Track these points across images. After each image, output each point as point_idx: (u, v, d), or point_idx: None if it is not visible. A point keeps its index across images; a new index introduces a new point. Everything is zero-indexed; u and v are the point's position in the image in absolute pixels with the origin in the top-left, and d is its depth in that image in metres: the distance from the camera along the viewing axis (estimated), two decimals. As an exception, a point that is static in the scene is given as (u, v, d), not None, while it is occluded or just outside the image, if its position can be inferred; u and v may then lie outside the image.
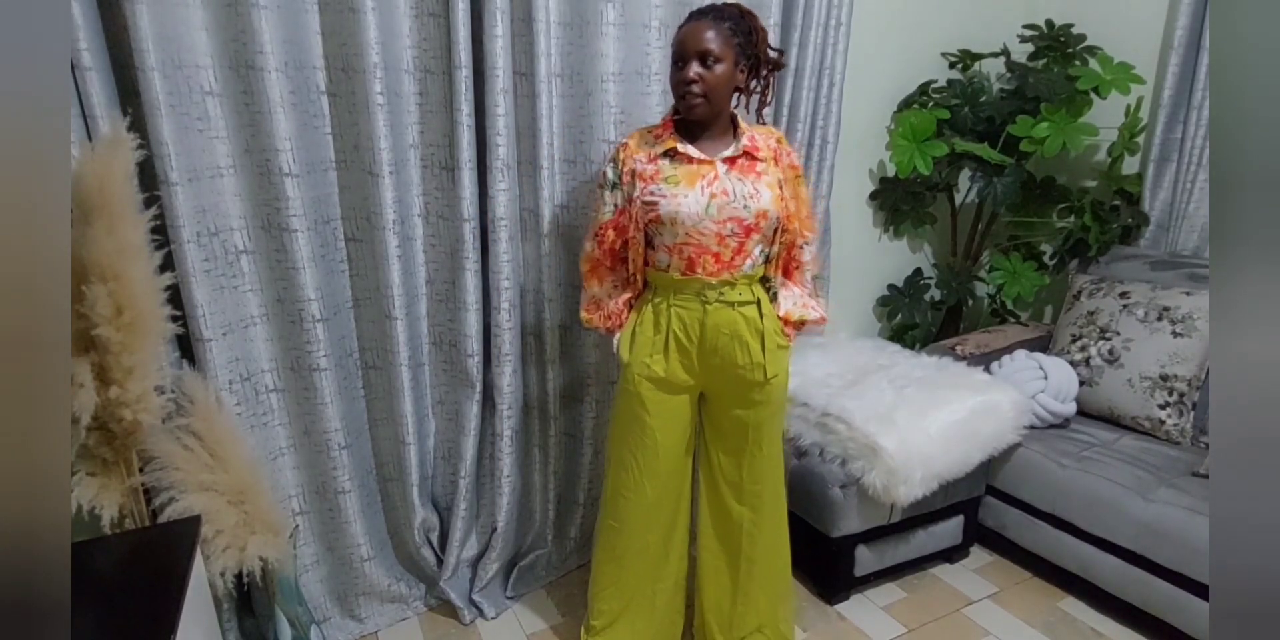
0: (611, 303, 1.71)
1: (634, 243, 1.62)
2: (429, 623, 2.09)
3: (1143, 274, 2.42)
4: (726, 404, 1.71)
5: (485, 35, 1.73)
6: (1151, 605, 1.93)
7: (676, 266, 1.60)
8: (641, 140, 1.62)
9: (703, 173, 1.56)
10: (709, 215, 1.54)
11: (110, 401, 1.32)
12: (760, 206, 1.55)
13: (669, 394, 1.67)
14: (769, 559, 1.81)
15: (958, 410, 2.03)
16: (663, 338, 1.64)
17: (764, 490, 1.75)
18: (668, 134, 1.59)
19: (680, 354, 1.65)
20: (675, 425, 1.70)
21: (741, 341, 1.63)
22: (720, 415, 1.73)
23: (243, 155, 1.62)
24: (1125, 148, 2.47)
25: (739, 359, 1.64)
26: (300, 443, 1.86)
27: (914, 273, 2.87)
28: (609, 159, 1.65)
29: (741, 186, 1.55)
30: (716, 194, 1.54)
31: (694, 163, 1.56)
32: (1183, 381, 2.19)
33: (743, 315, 1.63)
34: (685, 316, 1.62)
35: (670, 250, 1.60)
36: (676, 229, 1.56)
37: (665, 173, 1.57)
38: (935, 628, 2.06)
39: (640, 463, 1.69)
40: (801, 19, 2.11)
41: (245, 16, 1.51)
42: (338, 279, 1.85)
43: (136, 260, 1.31)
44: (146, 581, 1.24)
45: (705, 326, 1.62)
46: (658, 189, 1.56)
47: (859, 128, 2.54)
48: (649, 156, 1.59)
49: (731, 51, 1.51)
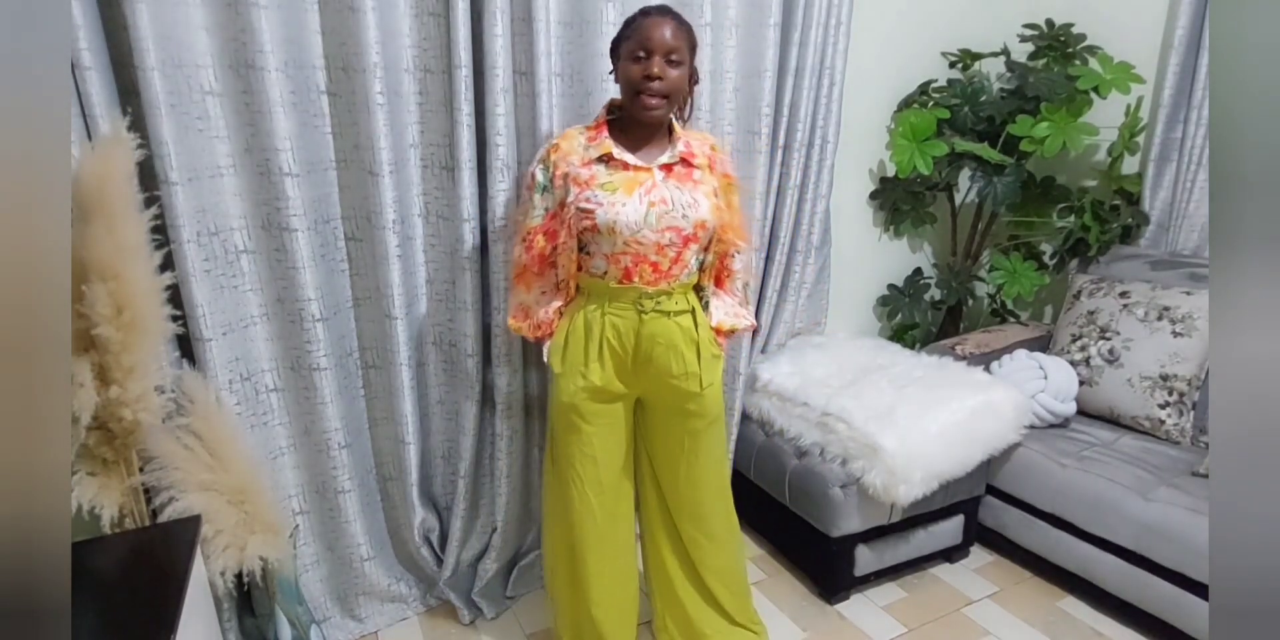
0: (541, 311, 1.65)
1: (565, 248, 1.55)
2: (429, 622, 2.09)
3: (1143, 274, 2.42)
4: (662, 414, 1.69)
5: (485, 34, 1.73)
6: (1151, 605, 1.93)
7: (614, 275, 1.55)
8: (573, 142, 1.55)
9: (640, 180, 1.51)
10: (648, 224, 1.49)
11: (110, 401, 1.32)
12: (699, 216, 1.52)
13: (605, 403, 1.64)
14: (721, 563, 1.82)
15: (958, 410, 2.03)
16: (596, 345, 1.59)
17: (704, 497, 1.74)
18: (602, 137, 1.53)
19: (615, 362, 1.61)
20: (613, 434, 1.67)
21: (676, 351, 1.60)
22: (656, 424, 1.72)
23: (243, 155, 1.62)
24: (1125, 147, 2.47)
25: (674, 368, 1.60)
26: (300, 442, 1.86)
27: (914, 272, 2.87)
28: (537, 160, 1.58)
29: (680, 195, 1.51)
30: (655, 202, 1.49)
31: (630, 169, 1.51)
32: (1183, 381, 2.19)
33: (678, 324, 1.59)
34: (620, 325, 1.57)
35: (607, 258, 1.54)
36: (614, 238, 1.50)
37: (601, 178, 1.51)
38: (935, 627, 2.06)
39: (583, 475, 1.66)
40: (801, 18, 2.11)
41: (245, 16, 1.51)
42: (338, 279, 1.85)
43: (136, 260, 1.31)
44: (146, 581, 1.24)
45: (640, 336, 1.57)
46: (594, 195, 1.49)
47: (859, 127, 2.54)
48: (582, 160, 1.52)
49: (688, 56, 1.49)
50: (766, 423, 2.24)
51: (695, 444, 1.69)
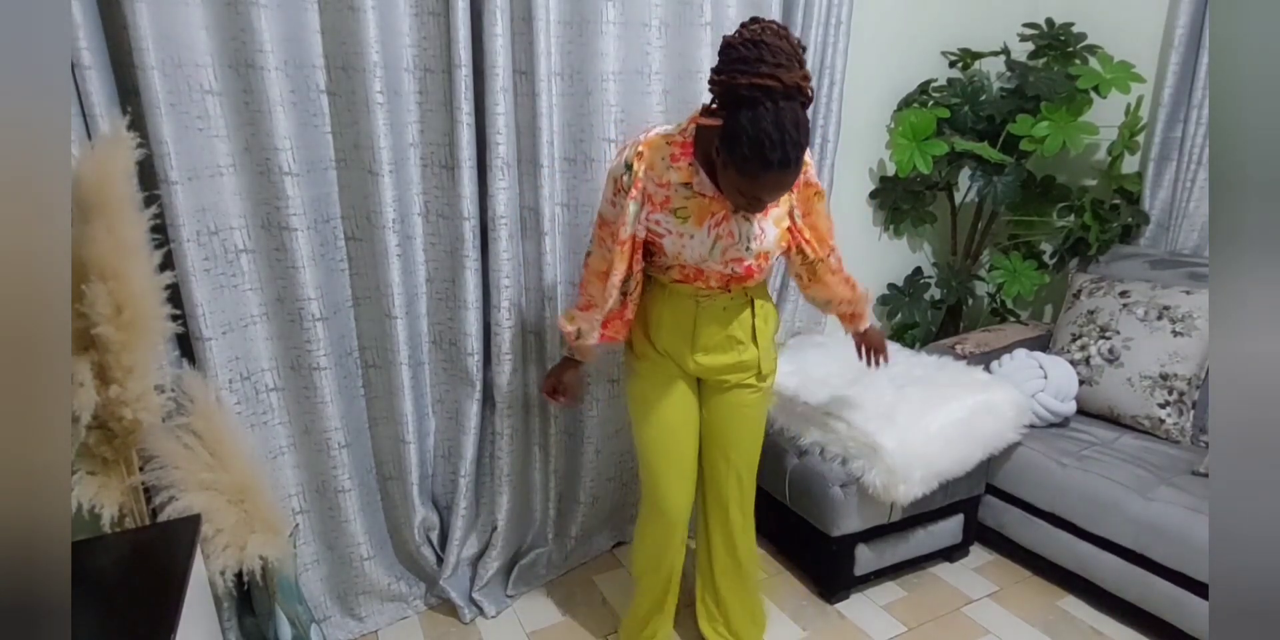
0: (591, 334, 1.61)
1: (636, 276, 1.55)
2: (429, 621, 2.09)
3: (1143, 273, 2.42)
4: (714, 390, 1.72)
5: (485, 34, 1.73)
6: (1151, 604, 1.93)
7: (673, 276, 1.58)
8: (657, 153, 1.46)
9: (712, 209, 1.45)
10: (712, 257, 1.49)
11: (110, 400, 1.32)
12: (763, 248, 1.50)
13: (667, 380, 1.68)
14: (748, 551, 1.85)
15: (958, 409, 2.03)
16: (658, 324, 1.63)
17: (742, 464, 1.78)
18: (685, 161, 1.44)
19: (672, 347, 1.64)
20: (680, 405, 1.70)
21: (733, 339, 1.63)
22: (708, 396, 1.73)
23: (242, 154, 1.62)
24: (1125, 146, 2.47)
25: (729, 358, 1.64)
26: (300, 441, 1.86)
27: (914, 272, 2.87)
28: (623, 162, 1.47)
29: (748, 227, 1.48)
30: (722, 235, 1.47)
31: (706, 198, 1.45)
32: (1182, 380, 2.19)
33: (736, 317, 1.62)
34: (679, 314, 1.61)
35: (670, 266, 1.57)
36: (678, 261, 1.53)
37: (675, 203, 1.46)
38: (935, 627, 2.06)
39: (655, 438, 1.71)
40: (802, 18, 2.11)
41: (245, 15, 1.51)
42: (338, 278, 1.85)
43: (136, 259, 1.31)
44: (146, 580, 1.24)
45: (697, 323, 1.61)
46: (665, 220, 1.47)
47: (859, 126, 2.54)
48: (660, 180, 1.45)
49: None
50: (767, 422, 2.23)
51: (741, 403, 1.71)
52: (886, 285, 2.85)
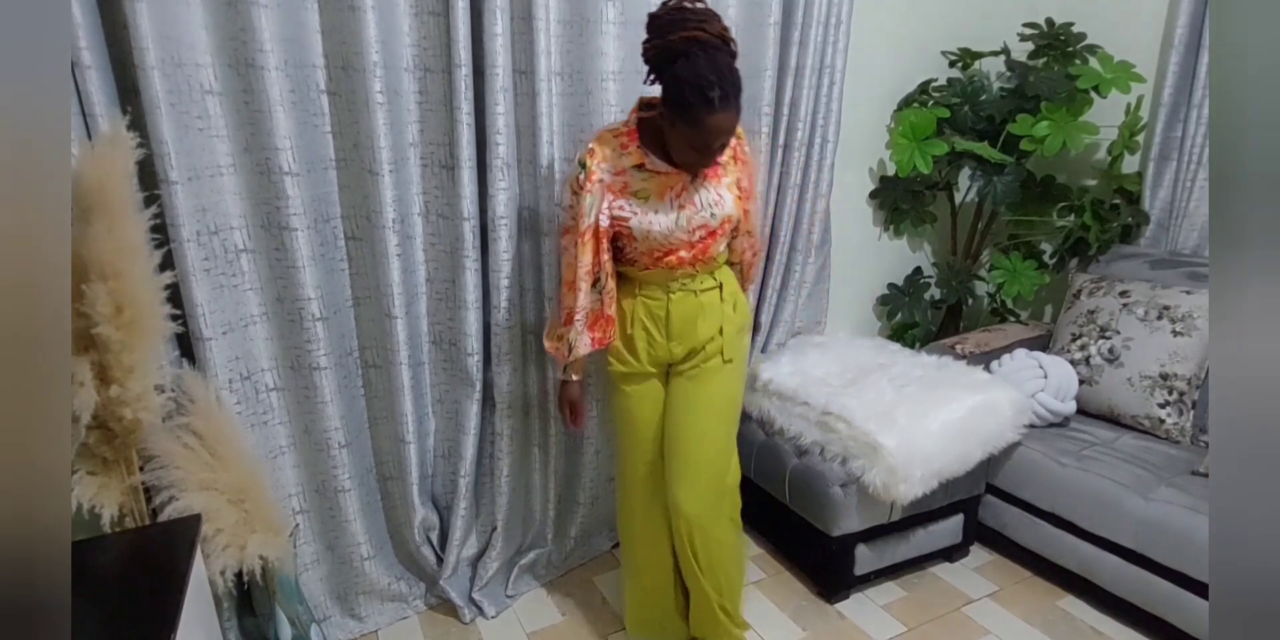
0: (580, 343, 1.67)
1: (606, 269, 1.62)
2: (429, 621, 2.09)
3: (1143, 273, 2.42)
4: (684, 374, 1.75)
5: (485, 33, 1.73)
6: (1151, 604, 1.93)
7: (643, 263, 1.65)
8: (608, 147, 1.57)
9: (671, 183, 1.58)
10: (679, 227, 1.59)
11: (110, 400, 1.32)
12: (724, 212, 1.62)
13: (642, 383, 1.75)
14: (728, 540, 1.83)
15: (957, 409, 2.03)
16: (637, 327, 1.69)
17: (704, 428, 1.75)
18: (634, 145, 1.57)
19: (649, 344, 1.70)
20: (650, 403, 1.76)
21: (704, 323, 1.69)
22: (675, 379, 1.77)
23: (242, 154, 1.62)
24: (1125, 146, 2.47)
25: (698, 344, 1.70)
26: (300, 441, 1.86)
27: (914, 271, 2.87)
28: (578, 162, 1.57)
29: (707, 194, 1.60)
30: (685, 205, 1.58)
31: (662, 174, 1.57)
32: (1182, 380, 2.19)
33: (703, 302, 1.68)
34: (652, 306, 1.68)
35: (638, 252, 1.64)
36: (649, 241, 1.60)
37: (634, 186, 1.58)
38: (935, 626, 2.06)
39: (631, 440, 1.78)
40: (801, 17, 2.10)
41: (245, 14, 1.51)
42: (338, 278, 1.85)
43: (136, 259, 1.31)
44: (146, 580, 1.24)
45: (670, 316, 1.67)
46: (628, 204, 1.57)
47: (859, 126, 2.54)
48: (615, 168, 1.57)
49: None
50: (766, 422, 2.24)
51: (706, 377, 1.73)
52: (886, 285, 2.85)
